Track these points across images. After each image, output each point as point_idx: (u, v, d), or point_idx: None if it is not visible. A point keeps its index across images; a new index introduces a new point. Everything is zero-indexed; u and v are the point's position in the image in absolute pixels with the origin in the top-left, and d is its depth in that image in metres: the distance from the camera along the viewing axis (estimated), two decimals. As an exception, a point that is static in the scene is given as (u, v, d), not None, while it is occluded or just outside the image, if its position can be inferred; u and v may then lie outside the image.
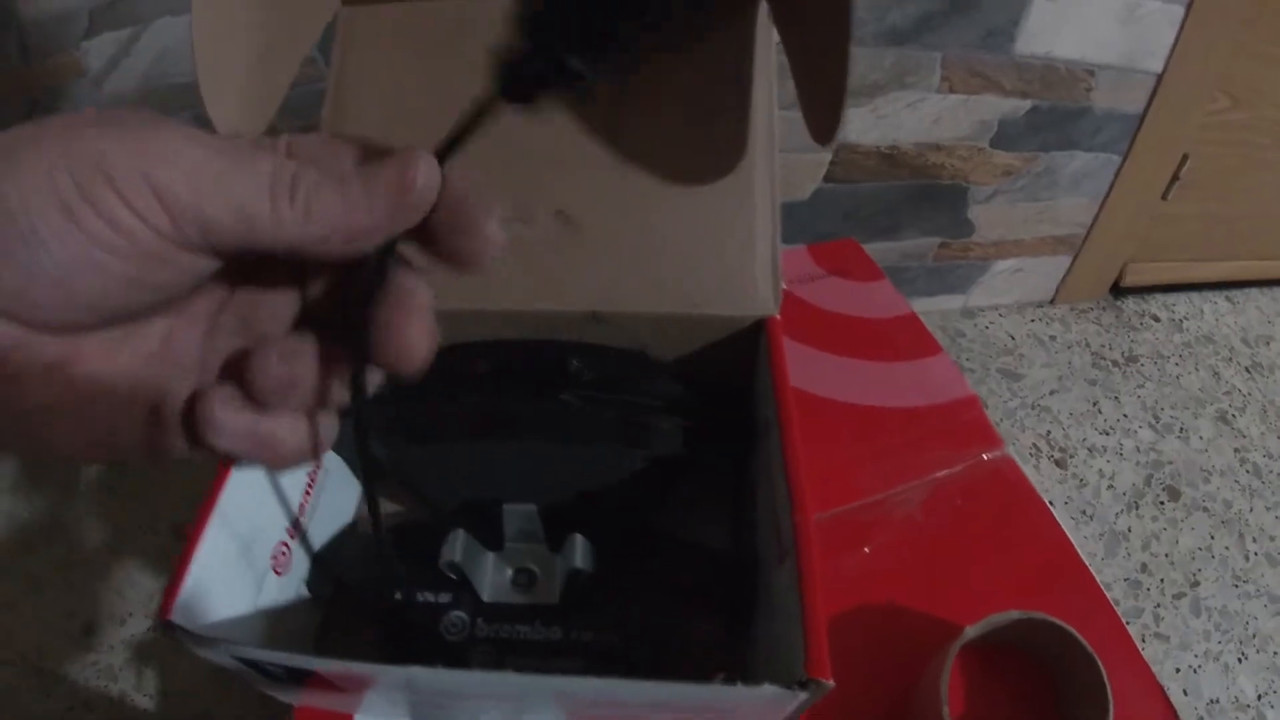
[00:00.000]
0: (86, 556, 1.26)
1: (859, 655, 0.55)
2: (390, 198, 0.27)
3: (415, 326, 0.29)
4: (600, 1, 0.28)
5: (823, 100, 0.49)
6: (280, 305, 0.31)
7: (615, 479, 0.52)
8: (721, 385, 0.53)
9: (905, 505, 0.63)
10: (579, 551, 0.49)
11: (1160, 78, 1.21)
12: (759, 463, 0.51)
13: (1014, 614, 0.52)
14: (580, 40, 0.28)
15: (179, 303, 0.29)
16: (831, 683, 0.35)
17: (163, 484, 1.32)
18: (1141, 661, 0.57)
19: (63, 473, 1.34)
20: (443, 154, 0.29)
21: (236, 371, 0.29)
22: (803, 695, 0.35)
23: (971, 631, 0.52)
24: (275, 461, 0.29)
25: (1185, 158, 1.32)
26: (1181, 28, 1.17)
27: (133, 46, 1.06)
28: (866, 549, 0.60)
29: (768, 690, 0.35)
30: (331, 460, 0.56)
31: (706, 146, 0.53)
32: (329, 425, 0.30)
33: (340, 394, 0.30)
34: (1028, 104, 1.21)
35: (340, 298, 0.31)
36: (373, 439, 0.51)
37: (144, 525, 1.28)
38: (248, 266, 0.29)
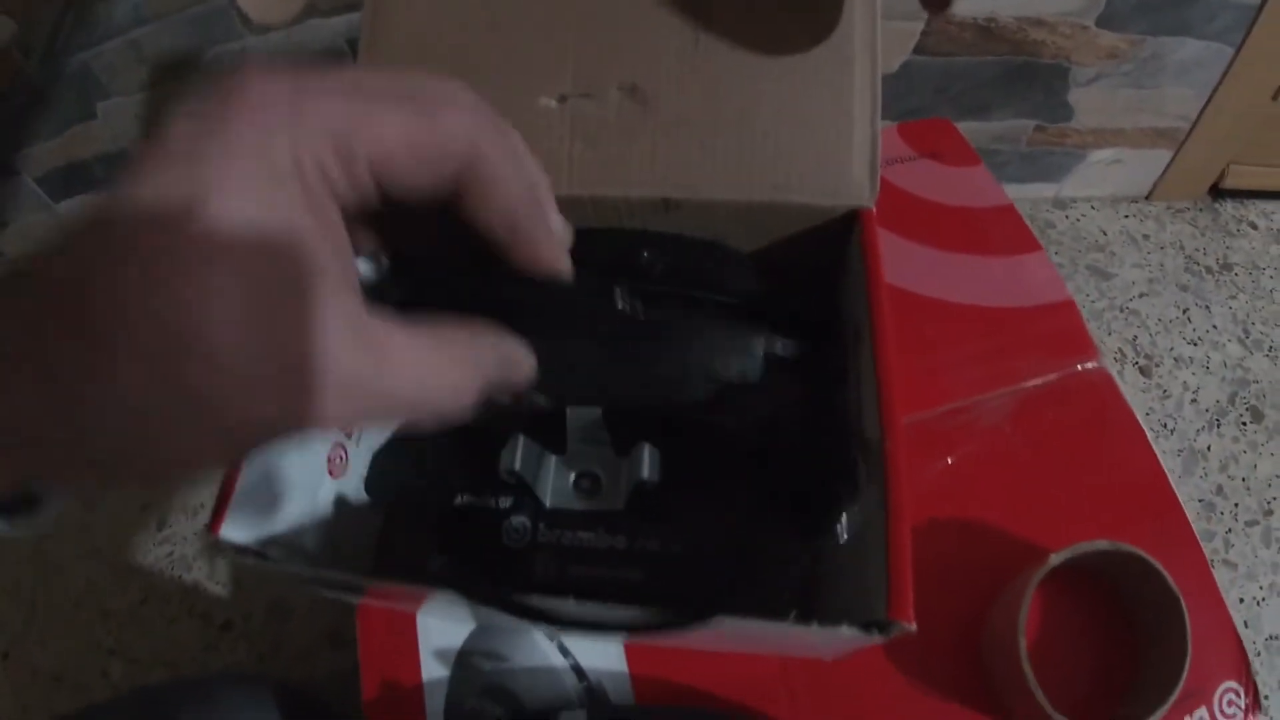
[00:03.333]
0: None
1: (932, 573, 0.50)
2: None
3: (551, 256, 0.32)
4: None
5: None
6: None
7: (687, 382, 0.47)
8: (802, 280, 0.48)
9: (992, 415, 0.58)
10: (646, 462, 0.45)
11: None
12: (840, 368, 0.46)
13: (1102, 544, 0.48)
14: None
15: None
16: (913, 626, 0.31)
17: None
18: (1220, 602, 0.53)
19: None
20: None
21: None
22: (879, 638, 0.32)
23: (1056, 559, 0.48)
24: None
25: (1304, 56, 1.20)
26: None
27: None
28: (949, 459, 0.55)
29: (844, 632, 0.32)
30: None
31: (798, 6, 0.46)
32: None
33: None
34: (1142, -21, 1.09)
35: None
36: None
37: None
38: None
